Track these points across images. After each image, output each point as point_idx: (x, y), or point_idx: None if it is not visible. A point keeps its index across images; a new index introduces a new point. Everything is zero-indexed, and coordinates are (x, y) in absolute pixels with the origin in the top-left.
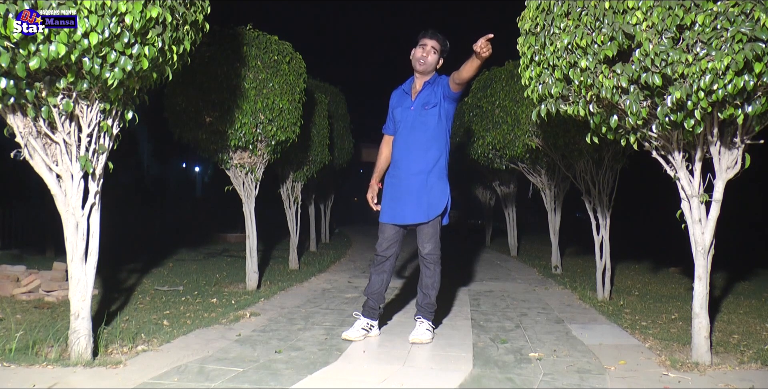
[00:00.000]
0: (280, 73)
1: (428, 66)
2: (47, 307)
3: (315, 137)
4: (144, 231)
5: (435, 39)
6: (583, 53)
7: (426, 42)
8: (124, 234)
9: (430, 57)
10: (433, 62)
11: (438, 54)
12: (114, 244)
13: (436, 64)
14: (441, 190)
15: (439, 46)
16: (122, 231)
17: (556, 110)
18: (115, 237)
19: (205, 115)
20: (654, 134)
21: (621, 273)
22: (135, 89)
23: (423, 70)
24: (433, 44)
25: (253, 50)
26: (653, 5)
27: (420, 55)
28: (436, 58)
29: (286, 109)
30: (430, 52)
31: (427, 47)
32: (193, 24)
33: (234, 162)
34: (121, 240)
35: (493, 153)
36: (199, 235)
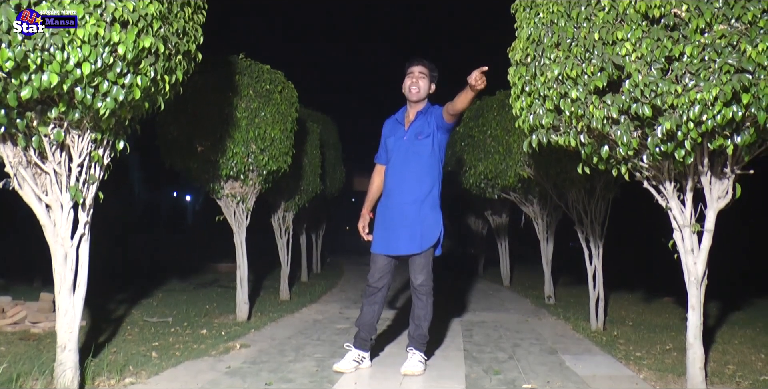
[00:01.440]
0: (272, 102)
1: (422, 92)
2: (33, 339)
3: (307, 166)
4: (134, 261)
5: (421, 64)
6: (573, 84)
7: (412, 70)
8: (114, 263)
9: (422, 82)
10: (426, 87)
11: (428, 79)
12: (103, 274)
13: (428, 90)
14: (434, 221)
15: (427, 70)
16: (111, 261)
17: (548, 140)
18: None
19: (197, 144)
20: (645, 164)
21: (615, 302)
22: (127, 119)
23: (418, 97)
24: (420, 70)
25: (245, 79)
26: (642, 36)
27: (410, 84)
28: (427, 82)
29: (278, 138)
30: (420, 78)
31: (414, 74)
32: (185, 54)
33: (225, 191)
34: (111, 269)
35: (485, 182)
36: (189, 265)
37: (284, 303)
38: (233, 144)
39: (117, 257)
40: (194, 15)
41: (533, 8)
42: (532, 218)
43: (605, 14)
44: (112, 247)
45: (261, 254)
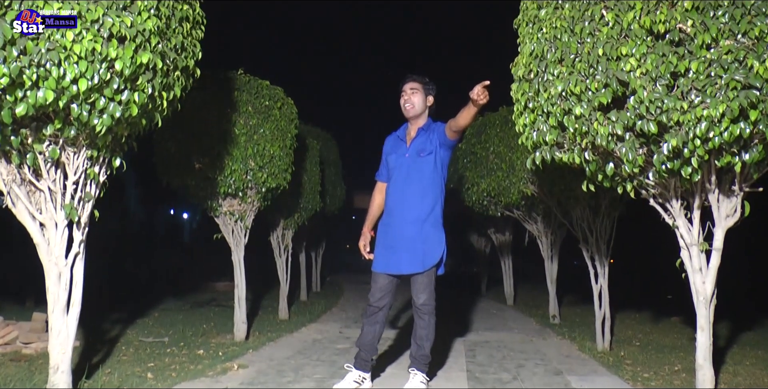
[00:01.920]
0: (272, 118)
1: (417, 108)
2: (24, 360)
3: (306, 184)
4: (129, 280)
5: (410, 81)
6: (577, 100)
7: (403, 88)
8: (109, 282)
9: (414, 98)
10: (420, 102)
11: (421, 92)
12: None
13: (424, 104)
14: (437, 239)
15: (418, 84)
16: (106, 280)
17: (551, 158)
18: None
19: (195, 161)
20: (651, 182)
21: (621, 322)
22: (123, 136)
23: (413, 113)
24: (410, 86)
25: (244, 95)
26: (647, 52)
27: (403, 102)
28: (421, 97)
29: (277, 155)
30: (412, 94)
31: (406, 92)
32: (183, 70)
33: (223, 209)
34: (105, 288)
35: (487, 200)
36: (186, 284)
37: (283, 322)
38: (231, 161)
39: (112, 276)
40: (193, 30)
41: (536, 23)
42: (536, 236)
43: (609, 29)
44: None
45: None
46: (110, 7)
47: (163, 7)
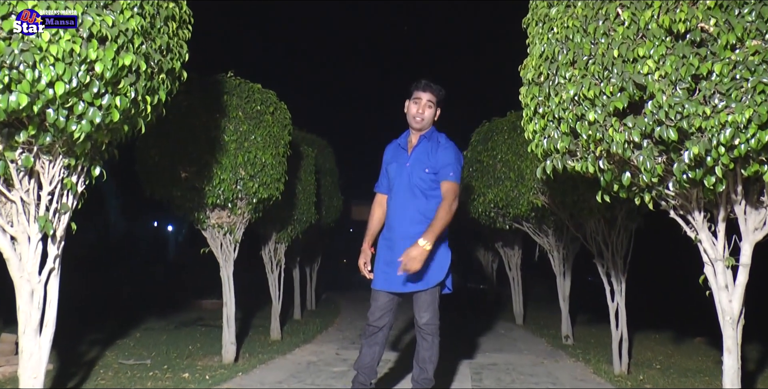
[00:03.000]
0: (263, 124)
1: (426, 122)
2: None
3: (300, 194)
4: (109, 297)
5: (429, 91)
6: (591, 105)
7: (420, 96)
8: (86, 299)
9: (427, 113)
10: (430, 117)
11: (434, 107)
12: (74, 311)
13: (433, 118)
14: (441, 255)
15: (435, 98)
16: (84, 297)
17: (563, 166)
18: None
19: (181, 170)
20: (671, 192)
21: (640, 343)
22: (104, 143)
23: (420, 127)
24: (428, 98)
25: (234, 100)
26: (666, 54)
27: (415, 112)
28: (432, 112)
29: (269, 163)
30: (426, 107)
31: (421, 102)
32: (169, 72)
33: (211, 221)
34: (83, 306)
35: (495, 211)
36: (171, 301)
37: (275, 343)
38: (220, 170)
39: (90, 293)
40: (179, 30)
41: (546, 23)
42: (547, 250)
43: (625, 29)
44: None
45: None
46: (90, 5)
47: (148, 5)
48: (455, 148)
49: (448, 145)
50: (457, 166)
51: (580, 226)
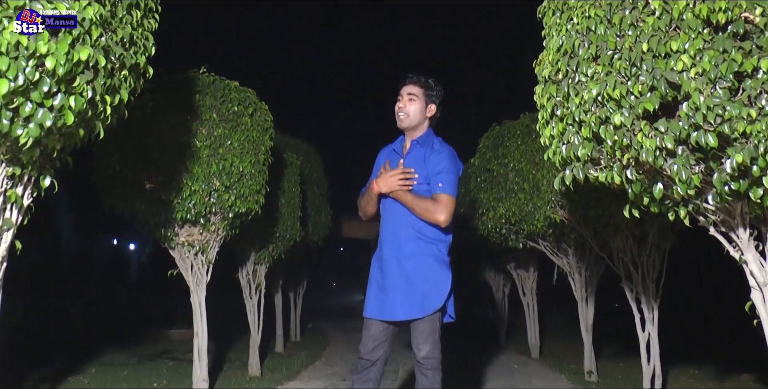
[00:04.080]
0: (241, 127)
1: (412, 118)
2: None
3: (284, 208)
4: (60, 326)
5: (412, 83)
6: (616, 106)
7: (402, 91)
8: (32, 329)
9: (411, 106)
10: (417, 112)
11: (422, 100)
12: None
13: (423, 114)
14: (441, 277)
15: (420, 89)
16: (30, 326)
17: (585, 176)
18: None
19: (145, 181)
20: (711, 206)
21: (676, 380)
22: (55, 149)
23: (407, 125)
24: (409, 90)
25: (207, 99)
26: (703, 48)
27: (397, 109)
28: (419, 105)
29: (248, 173)
30: (409, 101)
31: (402, 97)
32: (132, 68)
33: (181, 239)
34: (28, 337)
35: (507, 228)
36: (133, 331)
37: (254, 380)
38: (191, 180)
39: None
40: (144, 20)
41: (565, 12)
42: (566, 273)
43: (656, 20)
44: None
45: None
46: None
47: None
48: (451, 152)
49: (442, 150)
50: (449, 175)
51: (605, 245)
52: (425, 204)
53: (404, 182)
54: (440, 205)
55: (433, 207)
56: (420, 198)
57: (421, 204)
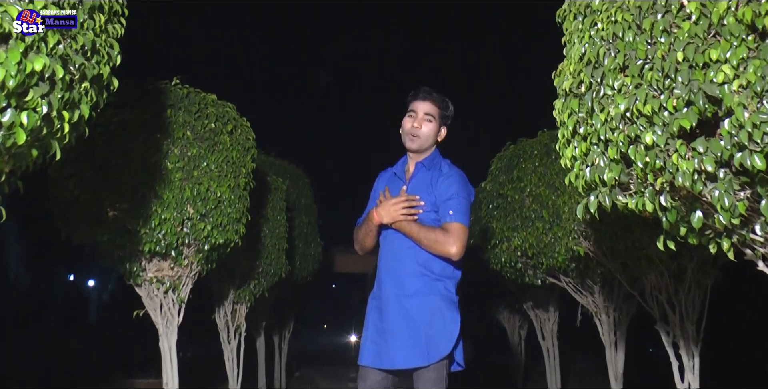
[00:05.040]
0: (219, 147)
1: (424, 141)
2: None
3: (267, 239)
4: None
5: (430, 101)
6: (648, 124)
7: (416, 107)
8: None
9: (426, 127)
10: (430, 135)
11: (436, 122)
12: None
13: (435, 137)
14: (448, 320)
15: (437, 110)
16: None
17: (612, 203)
18: None
19: (108, 208)
20: (759, 237)
21: None
22: (3, 172)
23: (419, 147)
24: (427, 109)
25: (180, 115)
26: (748, 56)
27: (410, 127)
28: (433, 127)
29: (227, 199)
30: (424, 121)
31: (418, 115)
32: (95, 79)
33: (149, 275)
34: None
35: (523, 262)
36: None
37: None
38: (161, 207)
39: None
40: (108, 25)
41: (588, 16)
42: (592, 313)
43: (692, 25)
44: None
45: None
46: None
47: None
48: (461, 176)
49: (452, 173)
50: (460, 201)
51: (636, 281)
52: (434, 235)
53: (409, 211)
54: (452, 236)
55: (444, 238)
56: (428, 228)
57: (429, 235)
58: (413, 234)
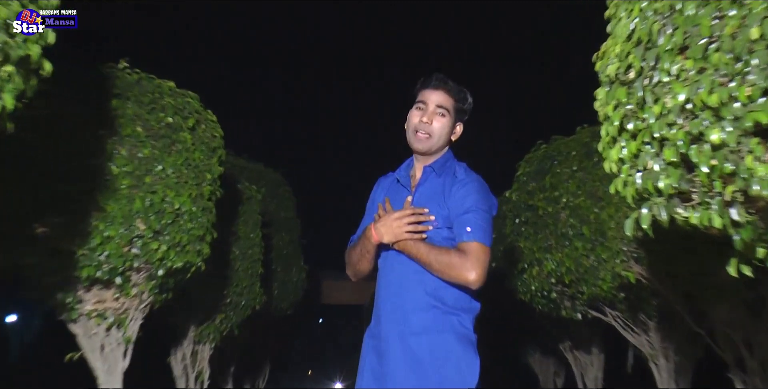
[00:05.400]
0: (178, 146)
1: (435, 140)
2: None
3: (238, 261)
4: None
5: (443, 91)
6: (714, 118)
7: (427, 97)
8: None
9: (437, 124)
10: (443, 133)
11: (450, 116)
12: None
13: (448, 136)
14: (464, 363)
15: (452, 102)
16: None
17: (670, 217)
18: None
19: (36, 223)
20: None
21: None
22: None
23: (426, 148)
24: (440, 101)
25: (129, 106)
26: None
27: (418, 122)
28: (446, 124)
29: (187, 211)
30: (435, 116)
31: (428, 108)
32: (21, 62)
33: (87, 307)
34: None
35: (558, 290)
36: None
37: None
38: (104, 222)
39: None
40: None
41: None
42: (646, 356)
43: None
44: None
45: None
46: None
47: None
48: (480, 184)
49: (469, 180)
50: (480, 215)
51: (702, 316)
52: (448, 257)
53: (415, 227)
54: (469, 258)
55: (460, 261)
56: (439, 249)
57: (441, 257)
58: (421, 257)
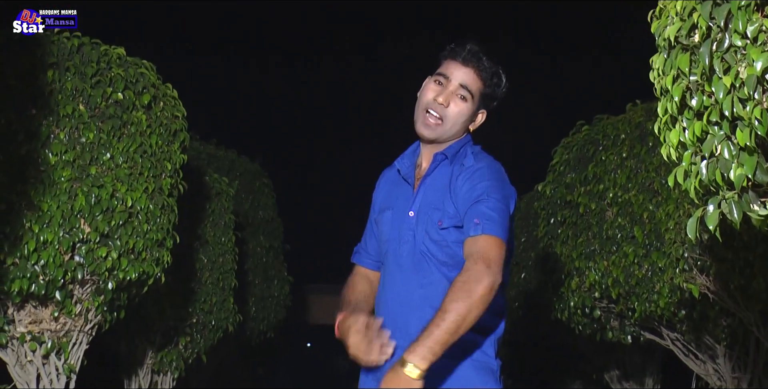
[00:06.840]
0: (131, 129)
1: (449, 127)
2: None
3: (206, 272)
4: None
5: (473, 68)
6: None
7: (451, 71)
8: None
9: (455, 107)
10: (459, 120)
11: (474, 102)
12: None
13: (466, 124)
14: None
15: (480, 84)
16: None
17: (744, 216)
18: None
19: None
20: None
21: None
22: None
23: (435, 136)
24: (466, 80)
25: (69, 78)
26: None
27: (431, 100)
28: (466, 109)
29: (143, 209)
30: (455, 97)
31: (449, 85)
32: None
33: (18, 329)
34: None
35: (604, 307)
36: None
37: None
38: (38, 223)
39: None
40: None
41: None
42: (714, 388)
43: None
44: None
45: None
46: None
47: None
48: (493, 169)
49: (479, 165)
50: (492, 204)
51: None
52: (458, 310)
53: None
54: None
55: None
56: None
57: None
58: (450, 335)
